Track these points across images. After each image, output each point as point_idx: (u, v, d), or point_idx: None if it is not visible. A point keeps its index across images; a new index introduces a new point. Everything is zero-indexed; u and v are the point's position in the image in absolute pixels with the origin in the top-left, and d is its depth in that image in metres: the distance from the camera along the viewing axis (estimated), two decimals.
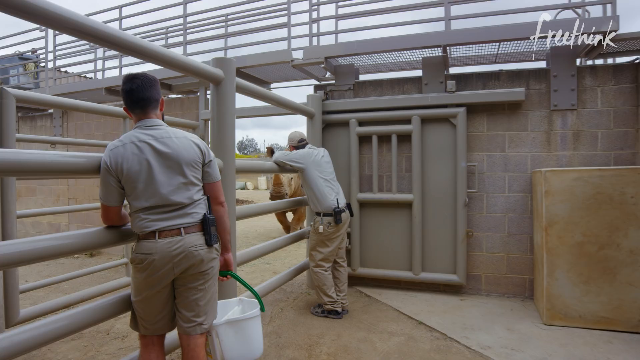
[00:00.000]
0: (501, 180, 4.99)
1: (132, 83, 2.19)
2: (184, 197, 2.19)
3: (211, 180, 2.37)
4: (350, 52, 5.16)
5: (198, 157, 2.28)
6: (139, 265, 2.15)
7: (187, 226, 2.19)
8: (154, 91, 2.25)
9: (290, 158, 4.29)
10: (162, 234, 2.13)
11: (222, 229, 2.41)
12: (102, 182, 2.14)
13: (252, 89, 3.66)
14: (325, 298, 4.35)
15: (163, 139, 2.19)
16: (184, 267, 2.17)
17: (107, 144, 5.46)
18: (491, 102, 4.91)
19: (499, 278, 5.02)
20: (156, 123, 2.24)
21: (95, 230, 2.23)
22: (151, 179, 2.12)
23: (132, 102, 2.21)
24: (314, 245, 4.38)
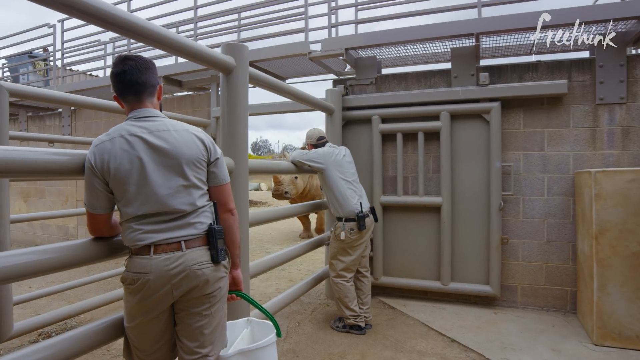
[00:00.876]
0: (539, 181, 4.53)
1: (124, 64, 1.81)
2: (185, 203, 1.82)
3: (218, 182, 1.98)
4: (372, 42, 4.76)
5: (202, 154, 1.89)
6: (130, 287, 1.77)
7: (188, 239, 1.81)
8: (150, 75, 1.88)
9: (308, 157, 3.90)
10: (158, 248, 1.75)
11: (231, 242, 2.02)
12: (87, 184, 1.77)
13: (267, 80, 3.28)
14: (347, 312, 3.95)
15: (159, 132, 1.81)
16: (185, 289, 1.79)
17: None
18: (529, 96, 4.45)
19: (536, 290, 4.56)
20: (152, 113, 1.86)
21: (79, 243, 1.85)
22: (144, 181, 1.75)
23: (124, 87, 1.83)
24: (335, 253, 3.98)
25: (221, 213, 1.99)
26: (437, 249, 4.81)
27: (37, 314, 4.47)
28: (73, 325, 4.29)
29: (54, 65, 8.13)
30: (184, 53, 2.40)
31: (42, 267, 1.68)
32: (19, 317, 4.32)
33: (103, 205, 1.80)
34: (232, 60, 2.76)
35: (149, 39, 2.13)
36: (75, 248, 1.82)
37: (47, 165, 1.70)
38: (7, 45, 8.81)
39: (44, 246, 1.75)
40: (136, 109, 1.86)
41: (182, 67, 6.17)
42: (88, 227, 1.88)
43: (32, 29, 8.18)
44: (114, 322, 2.01)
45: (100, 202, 1.79)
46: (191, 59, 2.52)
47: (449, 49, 4.95)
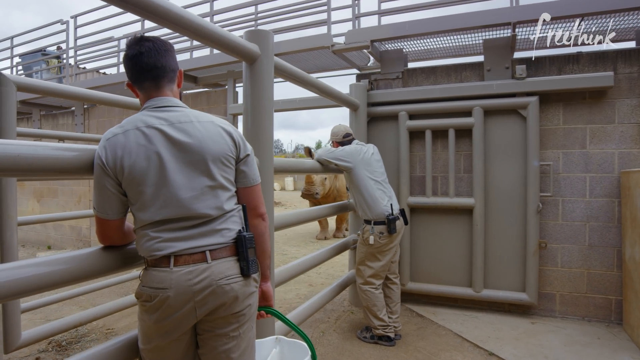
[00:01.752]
0: (581, 182, 4.21)
1: (141, 45, 1.55)
2: (211, 206, 1.56)
3: (249, 183, 1.71)
4: (400, 34, 4.47)
5: (230, 149, 1.63)
6: (146, 304, 1.52)
7: (215, 248, 1.55)
8: (169, 58, 1.62)
9: (335, 156, 3.63)
10: (180, 259, 1.50)
11: (261, 251, 1.74)
12: (96, 185, 1.52)
13: (293, 71, 3.02)
14: (375, 321, 3.67)
15: (181, 123, 1.55)
16: (211, 307, 1.53)
17: None
18: (570, 90, 4.13)
19: (577, 298, 4.24)
20: (172, 102, 1.60)
21: (88, 253, 1.59)
22: (164, 181, 1.50)
23: (141, 72, 1.57)
24: (363, 259, 3.71)
25: (251, 218, 1.72)
26: (469, 253, 4.51)
27: (47, 319, 4.28)
28: (84, 332, 4.08)
29: (67, 63, 7.97)
30: (204, 37, 2.14)
31: (44, 282, 1.43)
32: (29, 324, 4.14)
33: (115, 210, 1.55)
34: (256, 48, 2.50)
35: (166, 20, 1.88)
36: (84, 259, 1.57)
37: (52, 162, 1.45)
38: (20, 42, 8.67)
39: (47, 257, 1.50)
40: (154, 97, 1.60)
41: (197, 62, 5.95)
42: (97, 234, 1.63)
43: (45, 26, 8.03)
44: (128, 342, 1.78)
45: (112, 206, 1.54)
46: (211, 45, 2.26)
47: (480, 40, 4.66)
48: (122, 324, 4.25)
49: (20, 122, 9.44)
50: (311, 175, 8.64)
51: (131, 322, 4.29)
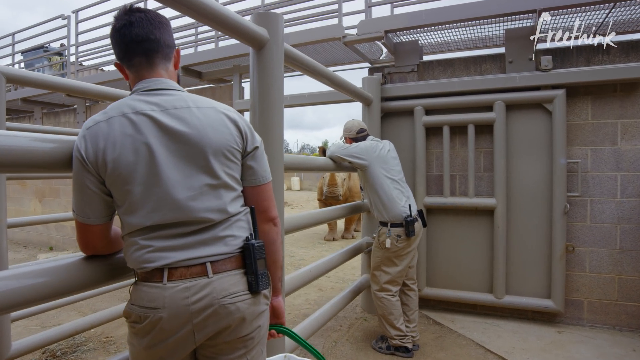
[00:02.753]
0: (611, 181, 3.92)
1: (131, 15, 1.30)
2: (212, 209, 1.30)
3: (257, 181, 1.44)
4: (416, 23, 4.19)
5: (235, 141, 1.36)
6: (136, 326, 1.27)
7: (217, 260, 1.29)
8: (165, 32, 1.36)
9: (350, 152, 3.37)
10: (175, 272, 1.25)
11: (272, 262, 1.49)
12: (75, 183, 1.27)
13: (304, 60, 2.76)
14: (392, 331, 3.41)
15: (176, 109, 1.29)
16: (213, 330, 1.27)
17: None
18: (599, 82, 3.85)
19: (607, 305, 3.95)
20: (167, 85, 1.34)
21: (68, 264, 1.34)
22: (155, 178, 1.25)
23: (130, 45, 1.31)
24: (379, 263, 3.44)
25: (261, 223, 1.45)
26: (489, 257, 4.23)
27: (43, 326, 4.05)
28: (81, 341, 3.84)
29: (68, 60, 7.76)
30: (207, 17, 1.88)
31: (13, 300, 1.18)
32: (24, 331, 3.91)
33: (98, 212, 1.30)
34: (264, 33, 2.25)
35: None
36: (63, 271, 1.32)
37: (24, 155, 1.20)
38: (22, 39, 8.49)
39: (18, 269, 1.25)
40: (145, 78, 1.34)
41: (202, 56, 5.71)
42: (78, 242, 1.37)
43: (46, 21, 7.82)
44: None
45: (94, 208, 1.29)
46: (215, 26, 2.00)
47: (501, 30, 4.38)
48: (121, 331, 4.01)
49: (23, 120, 9.26)
50: (335, 177, 8.37)
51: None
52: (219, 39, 5.81)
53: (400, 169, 3.55)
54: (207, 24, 2.03)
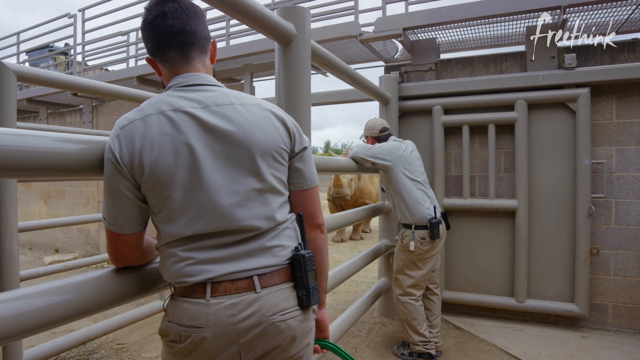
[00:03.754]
0: (637, 182, 3.81)
1: (164, 5, 1.18)
2: (260, 216, 1.18)
3: (305, 185, 1.32)
4: (435, 20, 4.09)
5: (284, 141, 1.24)
6: (175, 345, 1.15)
7: (265, 272, 1.18)
8: (200, 23, 1.23)
9: (373, 153, 3.27)
10: (219, 287, 1.13)
11: (319, 271, 1.35)
12: (107, 188, 1.15)
13: (330, 57, 2.67)
14: (415, 337, 3.30)
15: (219, 106, 1.17)
16: (262, 350, 1.17)
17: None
18: (625, 80, 3.74)
19: (633, 310, 3.85)
20: (205, 80, 1.22)
21: (97, 277, 1.22)
22: (197, 182, 1.13)
23: (164, 38, 1.19)
24: (402, 267, 3.34)
25: (307, 230, 1.33)
26: (511, 260, 4.13)
27: (54, 332, 3.94)
28: (93, 348, 3.74)
29: (74, 59, 7.66)
30: (233, 8, 1.78)
31: (40, 321, 1.08)
32: (35, 338, 3.80)
33: (132, 221, 1.18)
34: (292, 28, 2.15)
35: None
36: (91, 285, 1.21)
37: (51, 158, 1.09)
38: (27, 38, 8.40)
39: (40, 286, 1.14)
40: (182, 73, 1.22)
41: None
42: (109, 253, 1.25)
43: (51, 20, 7.73)
44: None
45: (128, 216, 1.16)
46: (240, 18, 1.89)
47: (522, 27, 4.27)
48: (133, 338, 3.91)
49: (28, 120, 9.16)
50: (339, 177, 8.27)
51: (143, 335, 3.95)
52: (230, 37, 5.71)
53: (423, 170, 3.45)
54: (233, 17, 1.93)
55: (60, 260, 7.18)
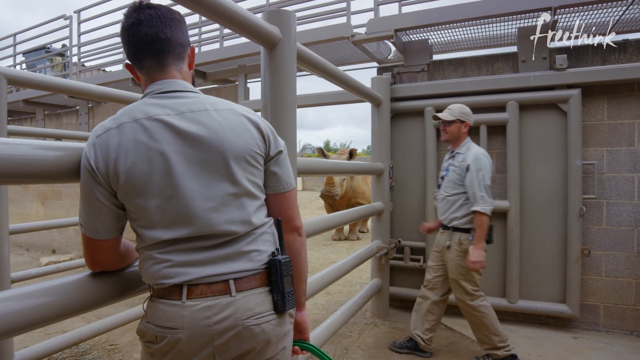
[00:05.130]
0: (628, 182, 3.82)
1: (140, 13, 1.19)
2: (236, 220, 1.20)
3: (281, 188, 1.33)
4: (427, 22, 4.10)
5: (258, 145, 1.26)
6: (151, 346, 1.17)
7: (241, 277, 1.20)
8: (177, 30, 1.24)
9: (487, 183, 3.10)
10: (195, 290, 1.15)
11: (297, 274, 1.36)
12: (84, 194, 1.16)
13: (316, 60, 2.68)
14: (495, 339, 3.17)
15: (193, 113, 1.19)
16: (236, 353, 1.18)
17: None
18: (616, 81, 3.76)
19: (624, 310, 3.85)
20: (181, 86, 1.23)
21: (76, 281, 1.25)
22: (172, 189, 1.15)
23: (140, 46, 1.20)
24: (464, 273, 3.18)
25: (285, 233, 1.34)
26: (502, 261, 4.13)
27: (46, 333, 3.96)
28: (86, 349, 3.75)
29: (70, 61, 7.68)
30: (216, 14, 1.79)
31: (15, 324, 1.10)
32: (27, 338, 3.82)
33: (108, 227, 1.19)
34: (277, 31, 2.16)
35: None
36: (69, 289, 1.23)
37: (26, 164, 1.11)
38: (23, 40, 8.41)
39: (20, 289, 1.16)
40: (158, 80, 1.23)
41: (206, 56, 5.61)
42: (85, 258, 1.26)
43: (48, 22, 7.74)
44: None
45: (105, 222, 1.18)
46: (224, 23, 1.90)
47: (514, 29, 4.28)
48: (126, 338, 3.92)
49: (24, 122, 9.17)
50: (332, 176, 8.29)
51: (136, 336, 3.95)
52: (224, 39, 5.73)
53: None
54: (217, 22, 1.95)
55: (56, 261, 7.20)
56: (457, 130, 3.26)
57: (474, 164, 3.09)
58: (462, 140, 3.29)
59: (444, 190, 3.31)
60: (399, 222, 4.53)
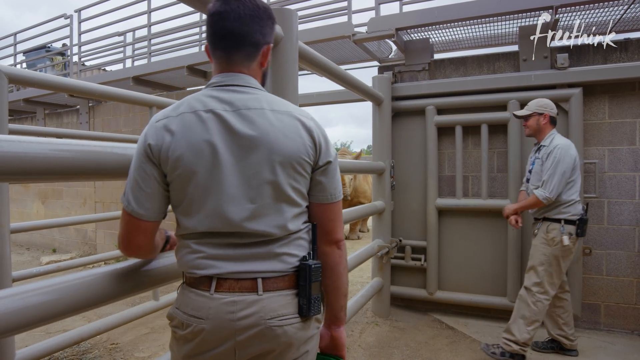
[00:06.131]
0: (629, 182, 3.82)
1: (228, 3, 1.20)
2: (272, 224, 1.20)
3: (325, 199, 1.29)
4: (428, 20, 4.09)
5: (308, 152, 1.23)
6: (178, 332, 1.21)
7: (269, 277, 1.20)
8: (257, 27, 1.23)
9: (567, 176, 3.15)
10: (224, 284, 1.17)
11: (334, 288, 1.34)
12: (136, 170, 1.20)
13: (318, 59, 2.68)
14: (525, 336, 3.17)
15: (248, 110, 1.19)
16: (256, 351, 1.19)
17: (129, 138, 4.62)
18: (617, 80, 3.76)
19: (625, 309, 3.85)
20: (243, 81, 1.23)
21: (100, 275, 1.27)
22: (216, 183, 1.17)
23: (215, 37, 1.23)
24: (544, 261, 3.17)
25: (323, 244, 1.31)
26: (503, 260, 4.13)
27: (47, 332, 3.96)
28: (87, 348, 3.75)
29: (70, 60, 7.68)
30: None
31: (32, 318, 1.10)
32: (28, 337, 3.82)
33: (156, 208, 1.21)
34: (279, 30, 2.15)
35: None
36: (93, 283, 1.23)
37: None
38: (24, 39, 8.41)
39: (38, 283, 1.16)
40: (224, 72, 1.24)
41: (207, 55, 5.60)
42: (121, 240, 1.25)
43: (48, 21, 7.74)
44: None
45: (154, 200, 1.20)
46: None
47: (515, 27, 4.27)
48: (127, 337, 3.92)
49: (25, 121, 9.18)
50: (343, 177, 8.29)
51: (137, 335, 3.96)
52: None
53: None
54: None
55: (57, 261, 7.20)
56: (535, 124, 3.31)
57: (552, 155, 3.15)
58: (545, 133, 3.31)
59: (532, 184, 3.32)
60: (400, 221, 4.53)
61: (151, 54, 6.56)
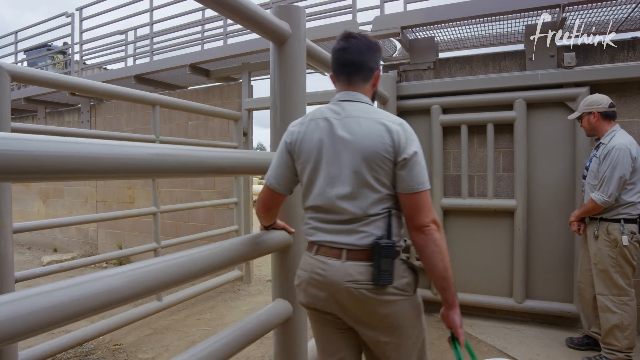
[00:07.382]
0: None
1: (347, 42, 1.66)
2: (356, 205, 1.56)
3: (406, 189, 1.54)
4: (434, 19, 4.06)
5: (386, 150, 1.52)
6: (295, 283, 1.73)
7: (351, 249, 1.56)
8: (370, 57, 1.67)
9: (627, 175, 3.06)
10: (321, 249, 1.62)
11: (428, 269, 1.57)
12: (278, 158, 1.72)
13: (325, 56, 2.64)
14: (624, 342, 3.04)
15: (348, 118, 1.60)
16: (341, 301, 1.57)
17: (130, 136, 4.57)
18: (625, 80, 3.73)
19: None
20: (354, 97, 1.66)
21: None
22: (319, 169, 1.62)
23: (339, 66, 1.69)
24: (614, 264, 3.07)
25: (409, 229, 1.59)
26: (509, 260, 4.11)
27: (50, 333, 3.92)
28: (89, 349, 3.72)
29: (72, 58, 7.64)
30: (226, 9, 1.75)
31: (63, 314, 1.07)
32: (32, 340, 3.78)
33: (287, 185, 1.72)
34: (287, 27, 2.12)
35: None
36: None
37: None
38: (25, 37, 8.36)
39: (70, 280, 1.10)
40: (344, 91, 1.69)
41: (209, 54, 5.57)
42: (259, 204, 1.78)
43: (49, 19, 7.70)
44: None
45: (288, 180, 1.71)
46: (233, 17, 1.85)
47: (521, 26, 4.24)
48: (130, 338, 3.89)
49: (26, 120, 9.15)
50: None
51: (140, 336, 3.93)
52: (228, 36, 5.69)
53: None
54: (227, 16, 1.90)
55: (58, 260, 7.17)
56: (587, 123, 3.29)
57: (609, 157, 3.08)
58: (603, 129, 3.25)
59: (588, 181, 3.28)
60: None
61: (153, 53, 6.51)
